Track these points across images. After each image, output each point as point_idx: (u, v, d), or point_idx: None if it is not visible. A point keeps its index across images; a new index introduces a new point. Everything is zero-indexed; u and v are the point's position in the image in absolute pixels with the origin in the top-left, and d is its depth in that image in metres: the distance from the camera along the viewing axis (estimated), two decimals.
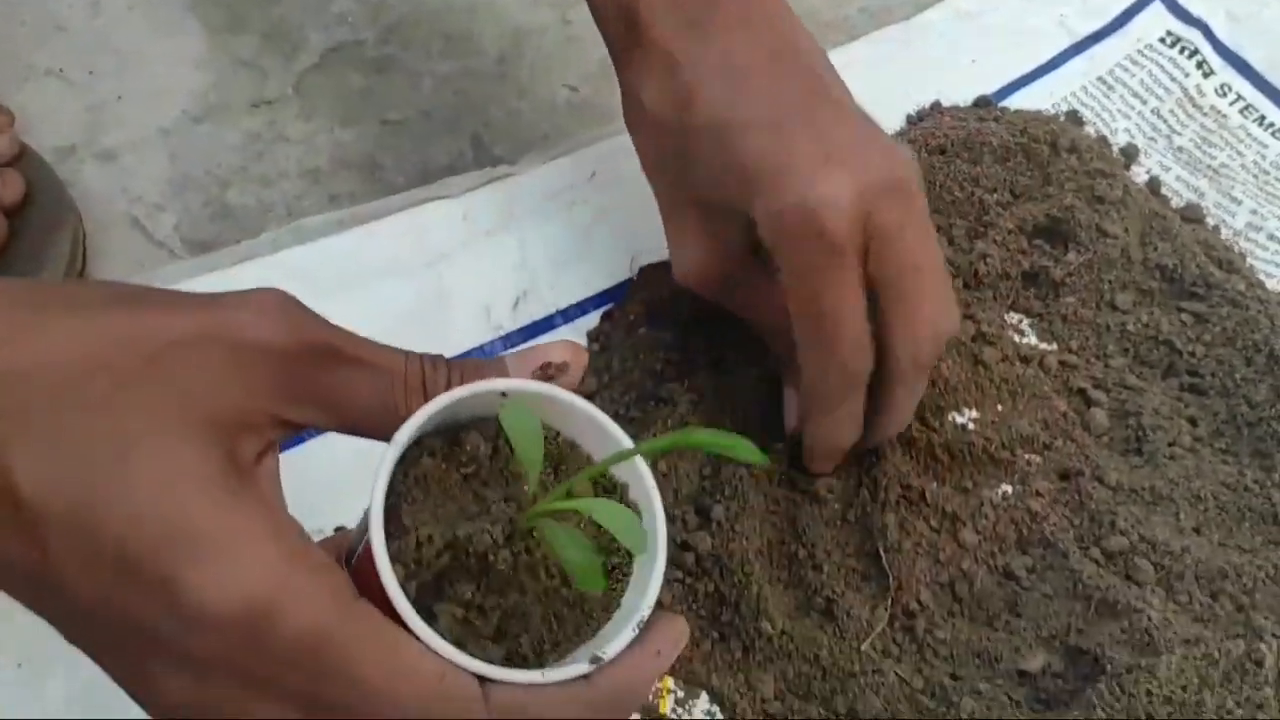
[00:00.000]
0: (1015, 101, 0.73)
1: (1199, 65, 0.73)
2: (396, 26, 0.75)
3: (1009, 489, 0.55)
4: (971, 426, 0.57)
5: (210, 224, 0.65)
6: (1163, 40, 0.74)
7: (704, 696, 0.48)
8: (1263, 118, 0.71)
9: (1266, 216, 0.67)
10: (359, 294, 0.58)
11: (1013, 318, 0.63)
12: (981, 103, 0.72)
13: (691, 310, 0.58)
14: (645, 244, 0.63)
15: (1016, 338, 0.62)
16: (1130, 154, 0.70)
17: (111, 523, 0.28)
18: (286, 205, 0.66)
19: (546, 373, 0.37)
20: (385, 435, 0.33)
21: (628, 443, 0.35)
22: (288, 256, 0.60)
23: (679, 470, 0.53)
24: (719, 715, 0.48)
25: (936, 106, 0.72)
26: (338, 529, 0.49)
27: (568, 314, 0.61)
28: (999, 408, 0.58)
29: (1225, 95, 0.72)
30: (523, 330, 0.60)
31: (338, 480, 0.42)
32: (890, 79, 0.73)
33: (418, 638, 0.30)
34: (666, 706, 0.48)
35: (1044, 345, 0.62)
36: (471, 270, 0.61)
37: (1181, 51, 0.73)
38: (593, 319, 0.61)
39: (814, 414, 0.49)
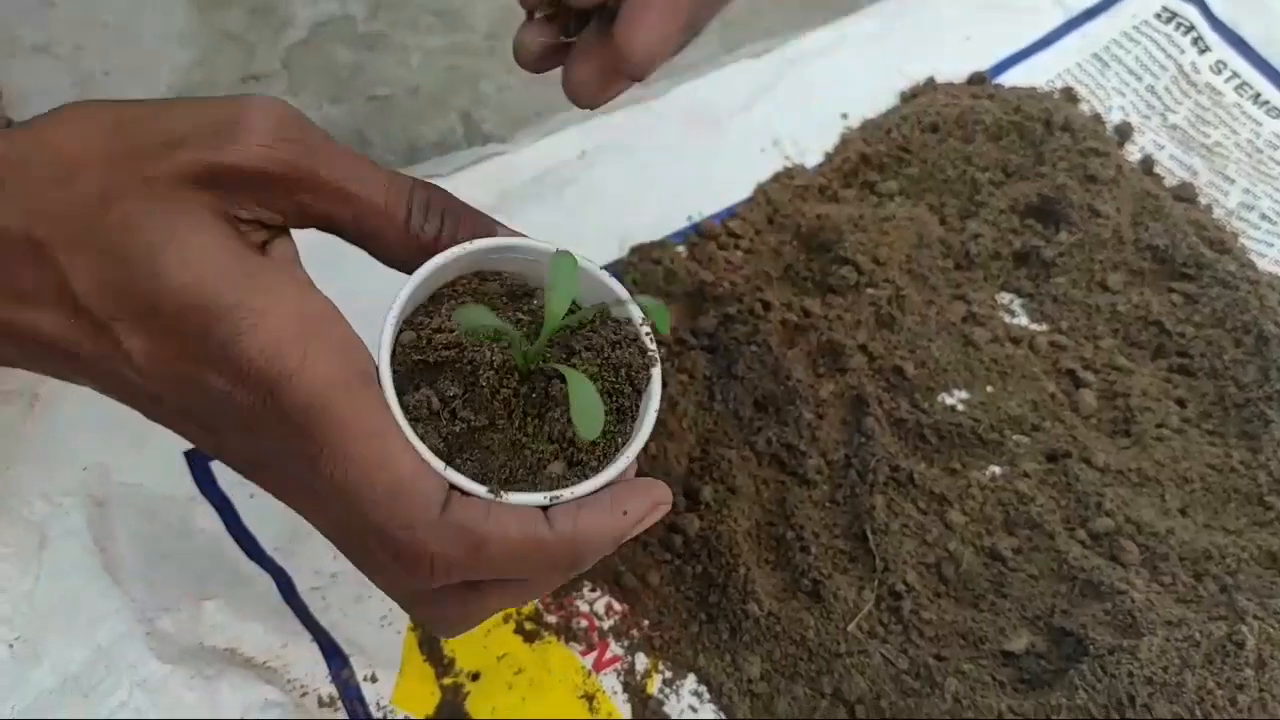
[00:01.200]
0: (1011, 78, 0.72)
1: (1195, 41, 0.72)
2: (386, 0, 0.74)
3: (997, 470, 0.55)
4: (960, 407, 0.58)
5: None
6: (1158, 16, 0.74)
7: (691, 677, 0.49)
8: (1258, 95, 0.71)
9: (1259, 195, 0.67)
10: (346, 276, 0.58)
11: (1004, 298, 0.63)
12: (976, 79, 0.71)
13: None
14: (636, 224, 0.63)
15: (1007, 318, 0.62)
16: (1124, 132, 0.69)
17: (162, 310, 0.32)
18: None
19: None
20: (375, 252, 0.37)
21: (636, 311, 0.37)
22: None
23: (668, 452, 0.53)
24: (706, 696, 0.48)
25: (931, 83, 0.71)
26: None
27: None
28: (988, 389, 0.59)
29: (1220, 72, 0.71)
30: None
31: None
32: (885, 54, 0.73)
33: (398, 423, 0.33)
34: (654, 687, 0.48)
35: (1034, 326, 0.62)
36: None
37: (1177, 28, 0.73)
38: None
39: None
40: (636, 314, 0.37)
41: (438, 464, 0.33)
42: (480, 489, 0.33)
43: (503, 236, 0.37)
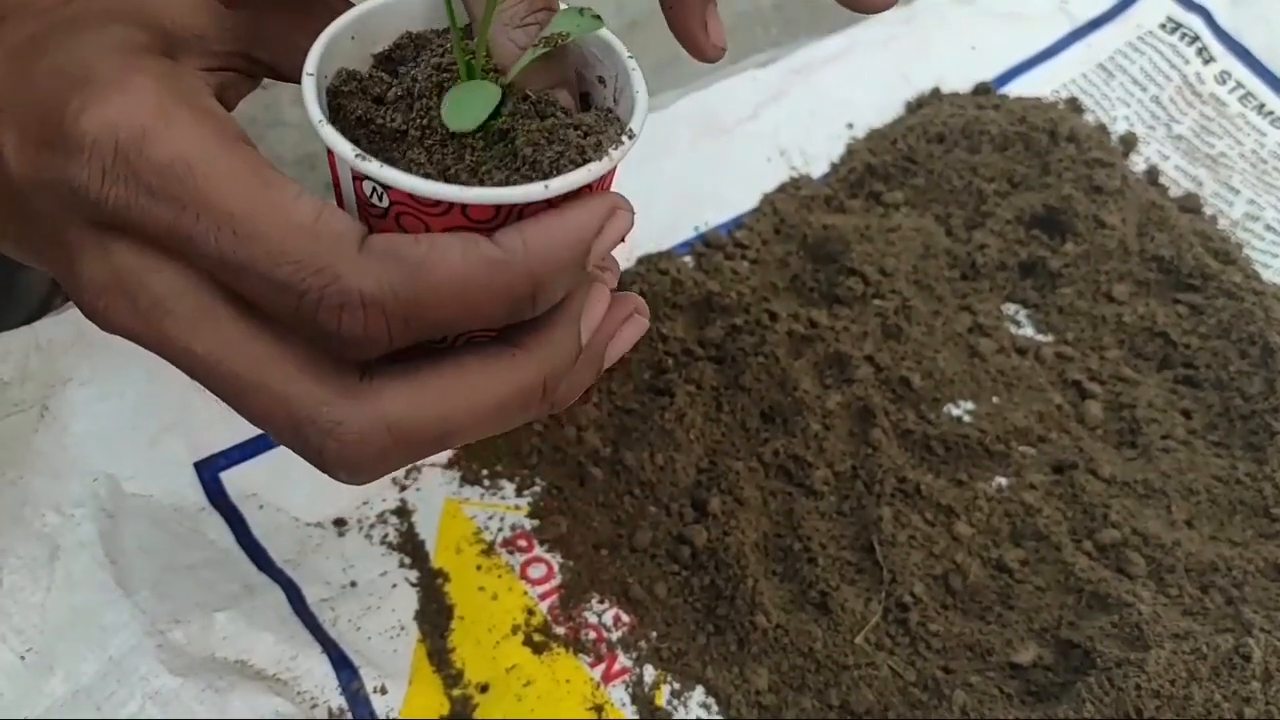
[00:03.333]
0: (1015, 88, 0.72)
1: (1199, 52, 0.72)
2: None
3: (1003, 481, 0.56)
4: (967, 419, 0.58)
5: None
6: (1163, 26, 0.74)
7: (699, 689, 0.49)
8: (1262, 105, 0.71)
9: (1264, 206, 0.67)
10: None
11: (1009, 308, 0.63)
12: (981, 90, 0.72)
13: None
14: (642, 234, 0.63)
15: (1013, 329, 0.62)
16: (1129, 142, 0.70)
17: (38, 90, 0.31)
18: None
19: None
20: None
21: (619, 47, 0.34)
22: None
23: (676, 464, 0.54)
24: (714, 708, 0.48)
25: (936, 93, 0.72)
26: None
27: None
28: (994, 400, 0.59)
29: (1225, 83, 0.72)
30: None
31: None
32: (890, 63, 0.73)
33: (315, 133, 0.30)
34: (662, 699, 0.48)
35: (1040, 337, 0.62)
36: None
37: (1182, 38, 0.73)
38: None
39: None
40: (637, 115, 0.32)
41: (346, 149, 0.29)
42: (395, 174, 0.29)
43: None
